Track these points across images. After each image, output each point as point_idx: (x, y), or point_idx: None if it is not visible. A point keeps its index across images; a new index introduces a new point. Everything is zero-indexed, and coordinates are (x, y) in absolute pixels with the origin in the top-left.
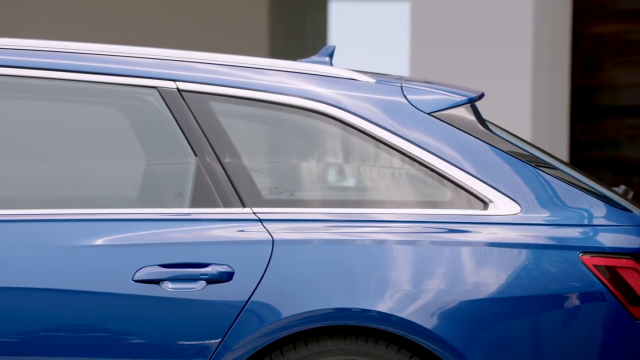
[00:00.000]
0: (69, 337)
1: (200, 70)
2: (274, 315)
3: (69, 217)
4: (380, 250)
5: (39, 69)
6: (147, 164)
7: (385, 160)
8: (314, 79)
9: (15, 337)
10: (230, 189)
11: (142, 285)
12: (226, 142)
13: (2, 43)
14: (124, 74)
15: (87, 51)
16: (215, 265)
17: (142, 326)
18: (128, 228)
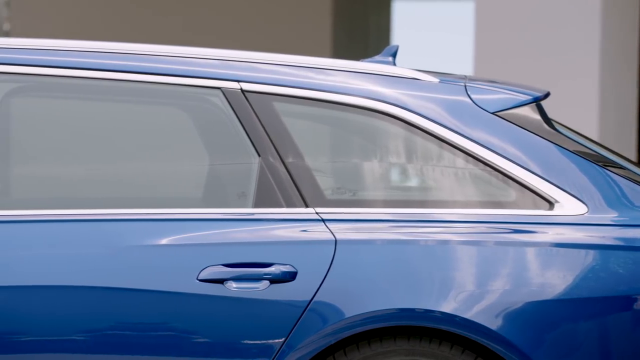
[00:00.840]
0: (135, 335)
1: (264, 70)
2: (337, 315)
3: (135, 217)
4: (444, 251)
5: (105, 70)
6: (211, 164)
7: (448, 160)
8: (377, 78)
9: (83, 335)
10: (293, 189)
11: (207, 285)
12: (289, 142)
13: (70, 45)
14: (188, 75)
15: (152, 53)
16: (279, 265)
17: (206, 325)
18: (192, 228)
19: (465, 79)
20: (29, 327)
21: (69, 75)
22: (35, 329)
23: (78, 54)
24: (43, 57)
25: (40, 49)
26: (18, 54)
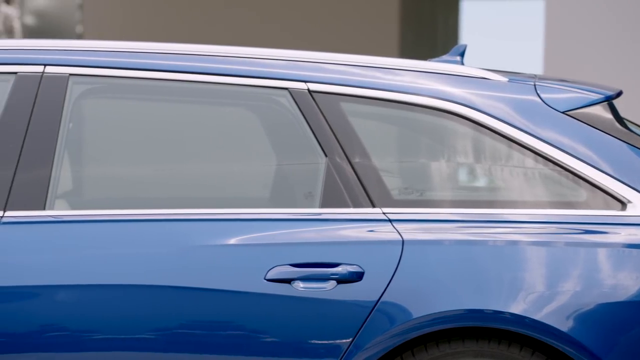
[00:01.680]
0: (204, 334)
1: (331, 71)
2: (404, 316)
3: (204, 217)
4: (513, 251)
5: (174, 71)
6: (278, 165)
7: (518, 160)
8: (445, 78)
9: (154, 333)
10: (360, 189)
11: (274, 285)
12: (356, 142)
13: (140, 47)
14: (256, 76)
15: (220, 54)
16: (346, 265)
17: (274, 325)
18: (260, 228)
19: (534, 78)
20: (101, 325)
21: (139, 76)
22: (108, 327)
23: (148, 55)
24: (114, 58)
25: (111, 51)
26: (90, 56)
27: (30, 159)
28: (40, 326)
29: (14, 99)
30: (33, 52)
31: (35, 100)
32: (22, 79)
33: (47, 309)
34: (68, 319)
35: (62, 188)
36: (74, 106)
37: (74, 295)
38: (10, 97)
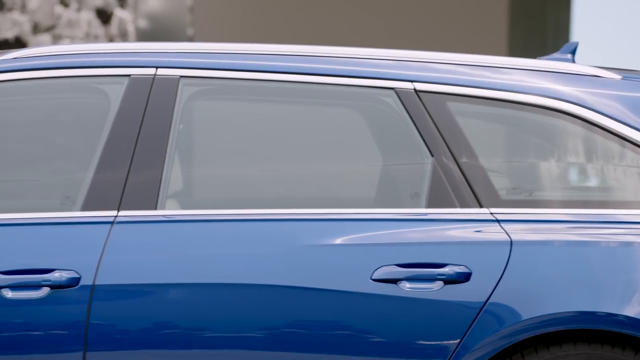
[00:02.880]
0: (311, 334)
1: (437, 70)
2: (513, 317)
3: (310, 217)
4: (627, 252)
5: (281, 72)
6: (384, 165)
7: (631, 160)
8: (555, 76)
9: (260, 332)
10: (467, 189)
11: (380, 285)
12: (463, 142)
13: (248, 49)
14: (362, 76)
15: (326, 54)
16: (453, 265)
17: (380, 325)
18: (366, 228)
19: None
20: (211, 323)
21: (247, 78)
22: (217, 325)
23: (256, 57)
24: (223, 60)
25: (220, 53)
26: (200, 58)
27: (142, 159)
28: (153, 324)
29: (127, 101)
30: (145, 55)
31: (147, 102)
32: (135, 81)
33: (159, 307)
34: (179, 317)
35: (172, 188)
36: (184, 108)
37: (184, 294)
38: (124, 99)
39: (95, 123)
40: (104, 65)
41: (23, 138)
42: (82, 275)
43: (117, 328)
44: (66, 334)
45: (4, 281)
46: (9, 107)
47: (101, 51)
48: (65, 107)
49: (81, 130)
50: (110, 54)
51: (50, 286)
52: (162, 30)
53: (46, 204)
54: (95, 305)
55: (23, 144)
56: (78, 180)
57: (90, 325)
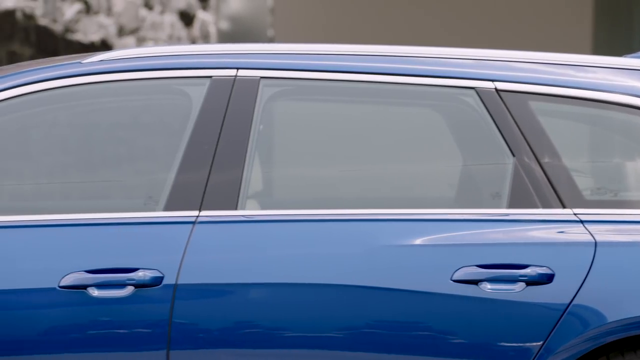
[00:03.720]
0: (390, 334)
1: (519, 69)
2: (598, 320)
3: (390, 217)
4: None
5: (361, 73)
6: (464, 165)
7: None
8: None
9: (340, 332)
10: (550, 189)
11: (461, 286)
12: (545, 141)
13: (328, 49)
14: (442, 76)
15: (405, 54)
16: (535, 266)
17: (461, 326)
18: (446, 228)
19: None
20: (291, 323)
21: (327, 78)
22: (297, 325)
23: (335, 57)
24: (303, 61)
25: (300, 54)
26: (280, 59)
27: (223, 160)
28: (234, 323)
29: (208, 102)
30: (226, 56)
31: (228, 103)
32: (217, 82)
33: (240, 306)
34: (260, 317)
35: (252, 188)
36: (264, 108)
37: (265, 294)
38: (205, 100)
39: (178, 124)
40: (186, 67)
41: (108, 139)
42: (165, 275)
43: (199, 327)
44: (150, 333)
45: (90, 280)
46: (95, 109)
47: (183, 53)
48: (149, 108)
49: (164, 131)
50: (192, 55)
51: (135, 285)
52: (243, 31)
53: (130, 204)
54: (177, 304)
55: (108, 145)
56: (161, 180)
57: (173, 324)
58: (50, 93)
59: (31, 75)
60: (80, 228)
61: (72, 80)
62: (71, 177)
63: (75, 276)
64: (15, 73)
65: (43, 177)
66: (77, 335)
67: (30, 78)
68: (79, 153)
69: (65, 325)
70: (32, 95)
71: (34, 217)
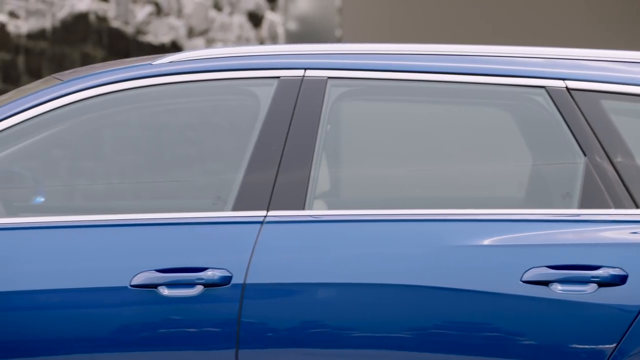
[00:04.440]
0: (459, 335)
1: (591, 68)
2: None
3: (458, 218)
4: None
5: (429, 72)
6: (534, 164)
7: None
8: None
9: (408, 333)
10: (622, 189)
11: (531, 287)
12: (618, 141)
13: (396, 49)
14: (511, 75)
15: (474, 53)
16: (607, 268)
17: (531, 327)
18: (516, 229)
19: None
20: (359, 323)
21: (394, 78)
22: (365, 325)
23: (403, 57)
24: (370, 61)
25: (367, 54)
26: (347, 59)
27: (290, 160)
28: (302, 323)
29: (276, 103)
30: (294, 56)
31: (295, 103)
32: (284, 83)
33: (307, 306)
34: (327, 317)
35: (320, 189)
36: (332, 108)
37: (332, 294)
38: (273, 100)
39: (246, 124)
40: (254, 68)
41: (178, 140)
42: (233, 274)
43: (267, 326)
44: (219, 332)
45: (160, 279)
46: (165, 110)
47: (251, 54)
48: (217, 109)
49: (232, 131)
50: (260, 56)
51: (204, 284)
52: (311, 31)
53: (199, 204)
54: (246, 304)
55: (178, 146)
56: (229, 181)
57: (242, 323)
58: (121, 94)
59: (103, 77)
60: (150, 228)
61: (143, 81)
62: (141, 177)
63: (146, 275)
64: (88, 75)
65: (114, 177)
66: (148, 333)
67: (102, 80)
68: (149, 153)
69: (136, 324)
70: (104, 97)
71: (106, 217)
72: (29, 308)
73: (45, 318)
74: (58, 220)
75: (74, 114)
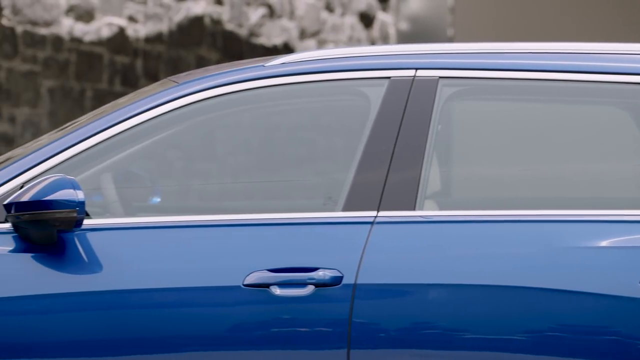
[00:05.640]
0: (575, 338)
1: None
2: None
3: (573, 218)
4: None
5: (541, 71)
6: None
7: None
8: None
9: (522, 335)
10: None
11: None
12: None
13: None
14: (627, 72)
15: (588, 51)
16: None
17: None
18: (634, 230)
19: None
20: (470, 324)
21: (507, 77)
22: (476, 326)
23: (515, 55)
24: (482, 60)
25: (479, 53)
26: (459, 58)
27: (401, 161)
28: (414, 324)
29: (387, 103)
30: (405, 56)
31: (406, 104)
32: (395, 83)
33: (418, 307)
34: (439, 318)
35: (431, 189)
36: (443, 108)
37: (444, 295)
38: (384, 100)
39: (356, 125)
40: (365, 68)
41: (289, 140)
42: (344, 275)
43: (379, 327)
44: (330, 332)
45: (272, 279)
46: (277, 111)
47: (362, 54)
48: (328, 110)
49: (343, 132)
50: (371, 56)
51: (315, 284)
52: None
53: (310, 204)
54: (357, 304)
55: (289, 146)
56: (339, 181)
57: (353, 323)
58: (234, 96)
59: (217, 79)
60: (262, 227)
61: (256, 83)
62: (253, 178)
63: (258, 275)
64: (203, 77)
65: (227, 178)
66: (260, 332)
67: (216, 82)
68: (261, 154)
69: (249, 323)
70: (218, 99)
71: (220, 217)
72: (146, 306)
73: (161, 316)
74: (173, 220)
75: (189, 115)
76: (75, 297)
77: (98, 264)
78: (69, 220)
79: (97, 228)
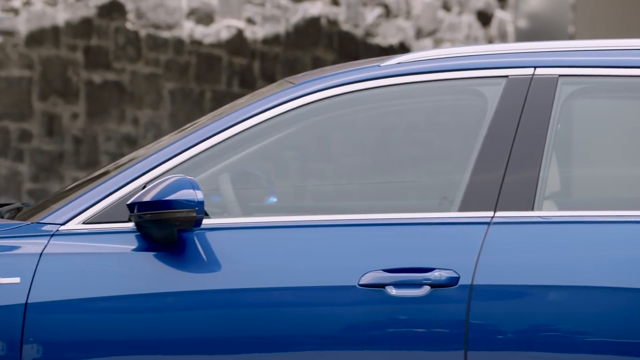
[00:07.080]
0: None
1: None
2: None
3: None
4: None
5: None
6: None
7: None
8: None
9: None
10: None
11: None
12: None
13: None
14: None
15: None
16: None
17: None
18: None
19: None
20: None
21: (629, 74)
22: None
23: (638, 52)
24: (604, 57)
25: (601, 50)
26: (580, 56)
27: (519, 160)
28: (532, 326)
29: (504, 102)
30: (523, 55)
31: (524, 102)
32: (513, 82)
33: (537, 309)
34: (558, 320)
35: (549, 189)
36: (563, 107)
37: (563, 296)
38: (501, 99)
39: (472, 124)
40: (482, 67)
41: (404, 140)
42: (460, 275)
43: (496, 328)
44: (447, 333)
45: (388, 279)
46: (392, 111)
47: (479, 53)
48: (444, 109)
49: (459, 131)
50: (488, 55)
51: (431, 285)
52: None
53: (425, 205)
54: (474, 305)
55: (404, 146)
56: (455, 181)
57: (470, 324)
58: (350, 96)
59: (333, 79)
60: (378, 227)
61: (371, 83)
62: (369, 178)
63: (374, 275)
64: (319, 78)
65: (343, 178)
66: (376, 333)
67: (331, 82)
68: (376, 154)
69: (365, 323)
70: (333, 99)
71: (335, 217)
72: (262, 305)
73: (277, 315)
74: (290, 220)
75: (305, 116)
76: (195, 296)
77: (217, 263)
78: (189, 219)
79: (215, 228)
